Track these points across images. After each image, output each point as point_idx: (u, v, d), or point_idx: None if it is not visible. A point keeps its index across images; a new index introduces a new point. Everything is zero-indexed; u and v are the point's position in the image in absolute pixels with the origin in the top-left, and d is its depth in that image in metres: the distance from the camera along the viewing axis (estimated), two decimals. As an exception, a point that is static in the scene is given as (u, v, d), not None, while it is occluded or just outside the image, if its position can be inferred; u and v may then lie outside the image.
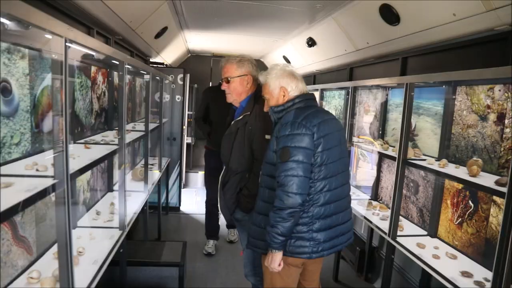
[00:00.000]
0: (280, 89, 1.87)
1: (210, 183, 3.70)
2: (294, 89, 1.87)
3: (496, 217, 1.99)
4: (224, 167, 2.29)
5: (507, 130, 1.95)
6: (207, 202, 3.84)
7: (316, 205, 1.75)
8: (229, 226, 4.11)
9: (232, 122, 2.20)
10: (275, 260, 1.76)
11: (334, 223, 1.81)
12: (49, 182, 1.29)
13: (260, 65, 2.26)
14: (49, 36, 1.22)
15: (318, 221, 1.76)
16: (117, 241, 2.07)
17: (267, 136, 2.06)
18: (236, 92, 2.20)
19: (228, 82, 2.20)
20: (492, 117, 2.06)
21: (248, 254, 2.27)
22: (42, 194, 1.23)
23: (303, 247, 1.77)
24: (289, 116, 1.78)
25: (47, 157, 1.58)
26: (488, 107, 2.09)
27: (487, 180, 1.82)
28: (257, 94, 2.19)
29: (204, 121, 3.70)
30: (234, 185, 2.18)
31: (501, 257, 1.49)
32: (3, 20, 1.00)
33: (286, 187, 1.66)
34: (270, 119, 1.97)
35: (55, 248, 1.83)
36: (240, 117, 2.16)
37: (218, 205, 2.32)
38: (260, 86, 2.16)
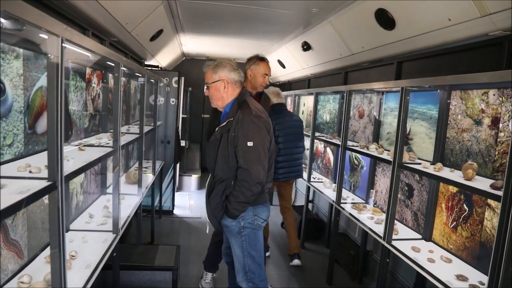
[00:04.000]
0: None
1: None
2: (275, 100, 3.63)
3: (490, 220, 2.00)
4: (210, 175, 2.25)
5: (502, 134, 1.97)
6: (215, 235, 3.17)
7: (278, 156, 3.42)
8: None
9: (217, 128, 2.16)
10: None
11: (287, 166, 3.59)
12: (42, 184, 1.26)
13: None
14: (45, 35, 1.20)
15: (279, 163, 3.50)
16: (110, 245, 2.04)
17: (249, 143, 2.03)
18: (215, 97, 2.19)
19: (208, 88, 2.20)
20: (487, 121, 2.08)
21: (239, 260, 2.24)
22: (35, 196, 1.20)
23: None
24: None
25: (41, 159, 1.55)
26: (483, 111, 2.11)
27: (482, 183, 1.83)
28: (240, 98, 2.16)
29: None
30: (219, 193, 2.14)
31: (497, 261, 1.50)
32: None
33: None
34: (252, 126, 2.03)
35: (47, 251, 1.80)
36: (224, 123, 2.12)
37: (206, 213, 2.26)
38: (244, 90, 2.15)
